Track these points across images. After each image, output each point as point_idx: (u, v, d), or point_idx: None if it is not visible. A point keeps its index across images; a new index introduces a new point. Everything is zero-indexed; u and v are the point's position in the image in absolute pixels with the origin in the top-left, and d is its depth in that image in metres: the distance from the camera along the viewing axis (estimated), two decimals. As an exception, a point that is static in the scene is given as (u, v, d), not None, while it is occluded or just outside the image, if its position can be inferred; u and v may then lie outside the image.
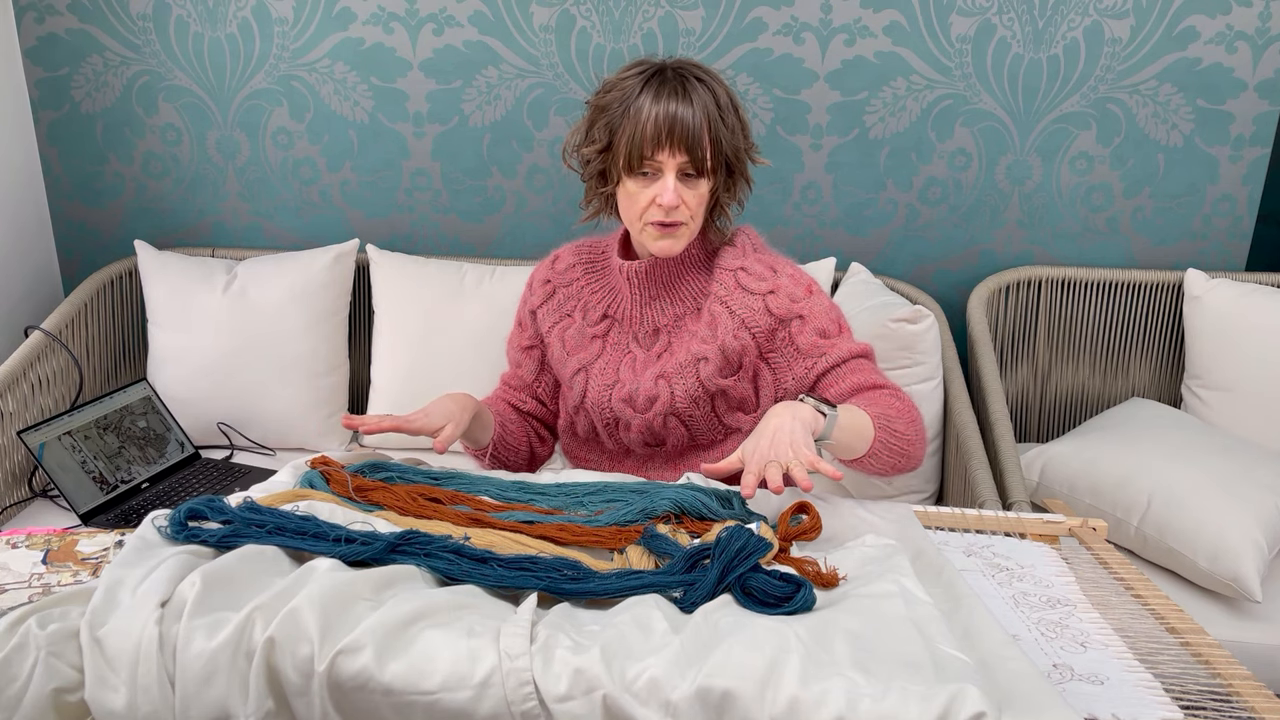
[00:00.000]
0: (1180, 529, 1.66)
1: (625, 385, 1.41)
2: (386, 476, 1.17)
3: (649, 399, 1.39)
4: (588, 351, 1.46)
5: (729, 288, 1.37)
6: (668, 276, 1.40)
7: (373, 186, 2.25)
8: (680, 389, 1.37)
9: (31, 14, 2.14)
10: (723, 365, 1.36)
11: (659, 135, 1.28)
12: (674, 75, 1.31)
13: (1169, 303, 2.18)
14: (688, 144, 1.28)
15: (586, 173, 1.39)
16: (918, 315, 1.82)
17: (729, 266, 1.39)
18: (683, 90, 1.29)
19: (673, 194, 1.30)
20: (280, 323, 2.04)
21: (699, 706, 0.73)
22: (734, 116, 1.33)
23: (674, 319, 1.42)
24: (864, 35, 2.08)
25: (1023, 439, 2.27)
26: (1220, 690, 0.86)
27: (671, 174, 1.30)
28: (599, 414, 1.44)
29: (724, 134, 1.31)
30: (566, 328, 1.48)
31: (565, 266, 1.50)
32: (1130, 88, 2.10)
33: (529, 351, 1.54)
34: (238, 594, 0.82)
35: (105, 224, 2.31)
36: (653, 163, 1.30)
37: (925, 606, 0.87)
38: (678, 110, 1.28)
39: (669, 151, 1.28)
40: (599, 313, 1.46)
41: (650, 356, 1.42)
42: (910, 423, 1.29)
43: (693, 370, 1.37)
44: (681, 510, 1.09)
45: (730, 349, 1.35)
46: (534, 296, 1.52)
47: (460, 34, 2.13)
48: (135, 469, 1.87)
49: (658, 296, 1.41)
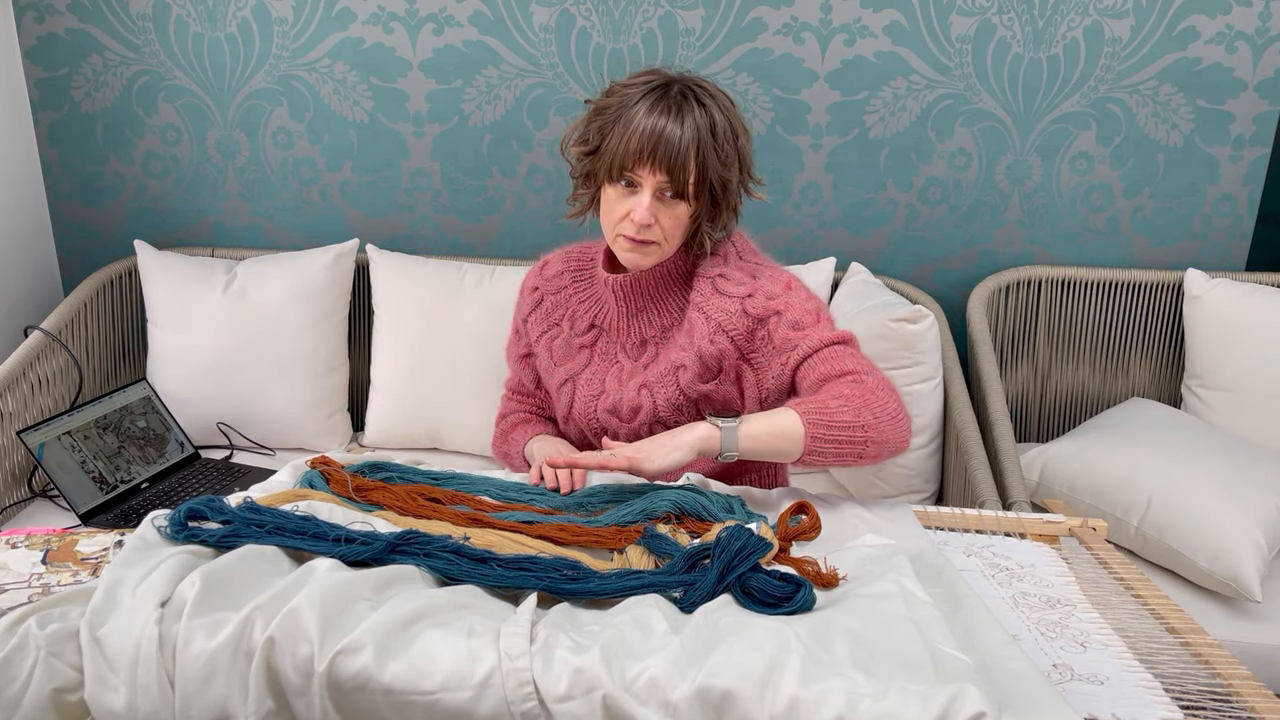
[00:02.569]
0: (1180, 529, 1.66)
1: (610, 396, 1.39)
2: (386, 476, 1.17)
3: (632, 409, 1.37)
4: (575, 362, 1.44)
5: (705, 294, 1.35)
6: (653, 289, 1.38)
7: (373, 186, 2.25)
8: (662, 398, 1.35)
9: (31, 14, 2.14)
10: (701, 371, 1.33)
11: (642, 150, 1.24)
12: (678, 92, 1.27)
13: (1169, 303, 2.18)
14: (669, 165, 1.24)
15: (575, 170, 1.38)
16: (918, 315, 1.82)
17: (708, 274, 1.36)
18: (679, 109, 1.25)
19: (646, 212, 1.26)
20: (280, 323, 2.04)
21: (699, 706, 0.73)
22: (730, 145, 1.28)
23: (661, 330, 1.40)
24: (864, 35, 2.08)
25: (1023, 439, 2.27)
26: (1220, 690, 0.86)
27: (649, 192, 1.26)
28: (586, 424, 1.43)
29: (712, 162, 1.26)
30: (554, 337, 1.46)
31: (554, 274, 1.48)
32: (1130, 88, 2.10)
33: (526, 360, 1.53)
34: (238, 594, 0.82)
35: (105, 224, 2.31)
36: (633, 175, 1.27)
37: (925, 607, 0.87)
38: (667, 128, 1.24)
39: (650, 168, 1.25)
40: (586, 323, 1.44)
41: (637, 367, 1.40)
42: (862, 409, 1.20)
43: (672, 378, 1.35)
44: (682, 511, 1.09)
45: (707, 354, 1.32)
46: (524, 304, 1.51)
47: (460, 34, 2.13)
48: (135, 469, 1.87)
49: (644, 309, 1.40)
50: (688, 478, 1.21)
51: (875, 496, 1.89)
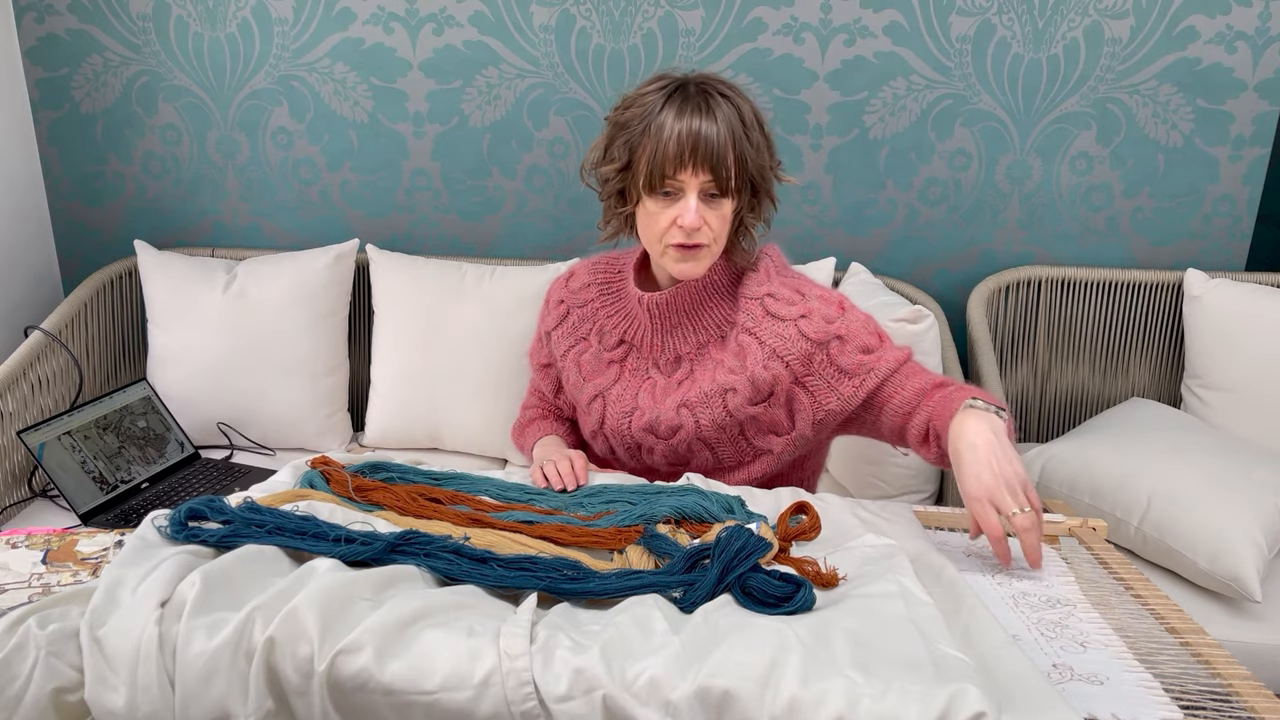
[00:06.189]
0: (1180, 529, 1.66)
1: (645, 413, 1.37)
2: (386, 476, 1.17)
3: (671, 428, 1.35)
4: (604, 377, 1.41)
5: (756, 317, 1.32)
6: (690, 305, 1.36)
7: (373, 186, 2.25)
8: (706, 418, 1.33)
9: (31, 14, 2.14)
10: (752, 395, 1.31)
11: (681, 154, 1.22)
12: (697, 91, 1.26)
13: (1169, 303, 2.18)
14: (712, 163, 1.23)
15: (605, 191, 1.34)
16: (918, 315, 1.82)
17: (754, 295, 1.34)
18: (706, 106, 1.24)
19: (695, 215, 1.24)
20: (280, 323, 2.04)
21: (699, 706, 0.73)
22: (759, 133, 1.28)
23: (696, 347, 1.37)
24: (864, 35, 2.08)
25: (1023, 439, 2.27)
26: (1220, 690, 0.86)
27: (694, 194, 1.24)
28: (619, 439, 1.41)
29: (749, 152, 1.26)
30: (582, 352, 1.44)
31: (580, 285, 1.46)
32: (1130, 88, 2.10)
33: (546, 370, 1.53)
34: (238, 594, 0.82)
35: (105, 224, 2.31)
36: (674, 182, 1.24)
37: (925, 607, 0.87)
38: (701, 127, 1.22)
39: (691, 171, 1.23)
40: (615, 338, 1.42)
41: (671, 383, 1.38)
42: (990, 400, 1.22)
43: (719, 400, 1.32)
44: (682, 516, 1.09)
45: (760, 379, 1.30)
46: (549, 317, 1.49)
47: (460, 34, 2.13)
48: (135, 469, 1.87)
49: (679, 325, 1.37)
50: (688, 478, 1.21)
51: (875, 496, 1.89)
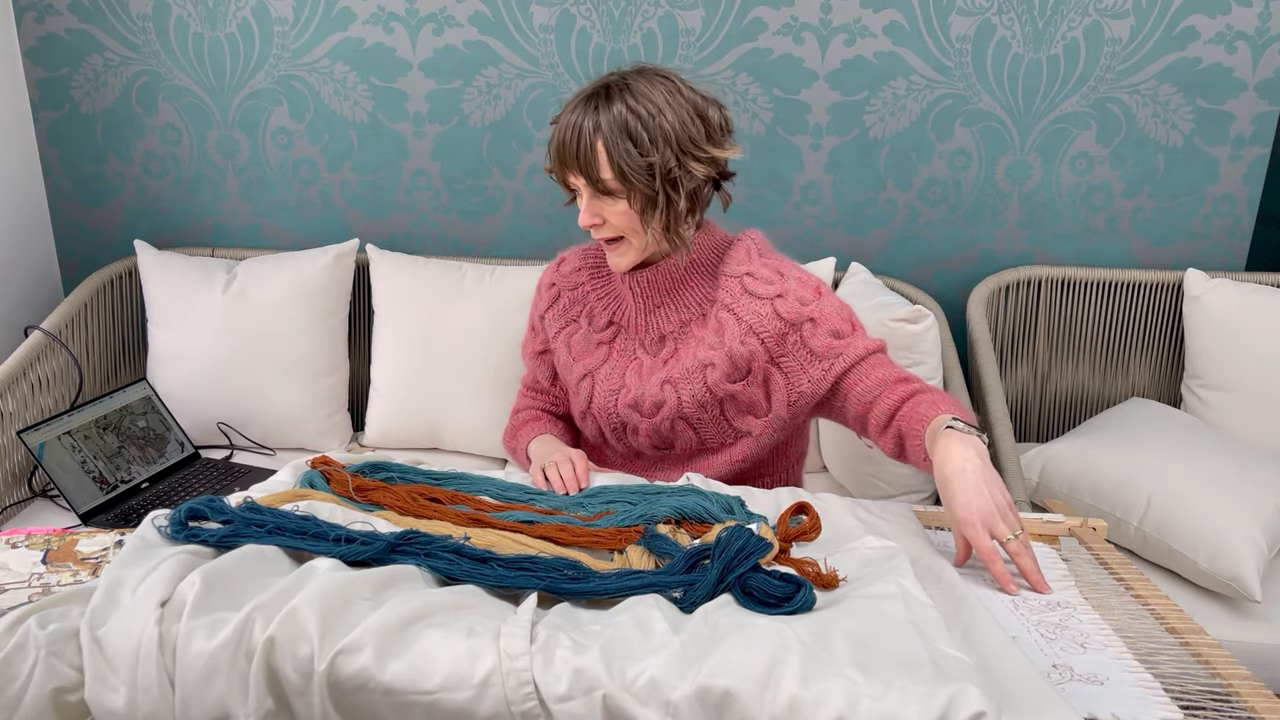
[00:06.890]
0: (1180, 529, 1.66)
1: (631, 390, 1.40)
2: (386, 476, 1.17)
3: (655, 404, 1.38)
4: (593, 357, 1.44)
5: (735, 294, 1.35)
6: (671, 284, 1.39)
7: (373, 186, 2.25)
8: (687, 394, 1.35)
9: (31, 14, 2.14)
10: (730, 371, 1.34)
11: (559, 154, 1.24)
12: (606, 90, 1.24)
13: (1169, 303, 2.18)
14: (579, 163, 1.23)
15: None
16: (918, 315, 1.83)
17: (734, 273, 1.36)
18: (594, 106, 1.23)
19: (584, 214, 1.26)
20: (280, 323, 2.04)
21: (699, 706, 0.73)
22: (654, 126, 1.22)
23: (679, 325, 1.40)
24: (864, 35, 2.08)
25: (1023, 439, 2.27)
26: (1220, 690, 0.86)
27: (586, 193, 1.25)
28: (605, 419, 1.43)
29: (625, 149, 1.22)
30: (573, 334, 1.47)
31: (570, 270, 1.49)
32: (1130, 88, 2.10)
33: (542, 357, 1.54)
34: (238, 594, 0.82)
35: (105, 224, 2.31)
36: (570, 183, 1.26)
37: (925, 608, 0.87)
38: (577, 127, 1.22)
39: (572, 171, 1.24)
40: (605, 319, 1.45)
41: (656, 363, 1.41)
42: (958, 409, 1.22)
43: (700, 376, 1.35)
44: (683, 516, 1.09)
45: (738, 355, 1.33)
46: (541, 301, 1.51)
47: (460, 34, 2.13)
48: (135, 469, 1.87)
49: (662, 304, 1.40)
50: (688, 478, 1.21)
51: (875, 496, 1.89)
